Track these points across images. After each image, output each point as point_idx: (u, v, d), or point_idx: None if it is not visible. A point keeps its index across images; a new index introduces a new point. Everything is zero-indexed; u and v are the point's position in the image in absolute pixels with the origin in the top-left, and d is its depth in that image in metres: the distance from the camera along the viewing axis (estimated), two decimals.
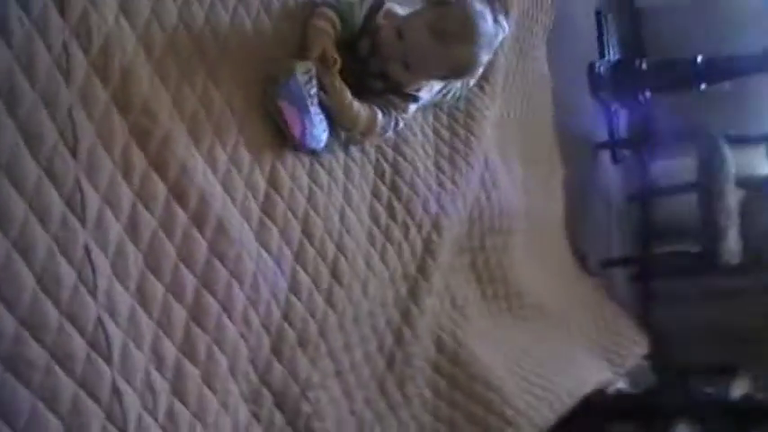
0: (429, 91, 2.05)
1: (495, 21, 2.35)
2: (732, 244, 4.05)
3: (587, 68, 4.42)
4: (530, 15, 3.28)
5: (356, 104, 1.85)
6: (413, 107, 2.01)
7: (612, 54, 4.73)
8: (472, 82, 2.40)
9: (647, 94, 4.70)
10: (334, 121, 1.85)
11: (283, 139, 1.75)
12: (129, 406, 1.31)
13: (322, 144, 1.82)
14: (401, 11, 1.98)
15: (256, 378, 1.64)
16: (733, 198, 4.13)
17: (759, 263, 4.37)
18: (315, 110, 1.77)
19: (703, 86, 4.62)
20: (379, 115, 1.90)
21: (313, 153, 1.83)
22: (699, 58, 4.58)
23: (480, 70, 2.12)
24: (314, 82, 1.77)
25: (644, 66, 4.64)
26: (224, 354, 1.53)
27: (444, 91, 2.22)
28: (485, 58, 1.98)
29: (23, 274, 1.20)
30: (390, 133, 2.02)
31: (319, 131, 1.79)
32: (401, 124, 2.00)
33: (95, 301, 1.29)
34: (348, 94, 1.84)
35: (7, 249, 1.18)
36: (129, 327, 1.34)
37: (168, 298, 1.42)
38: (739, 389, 4.18)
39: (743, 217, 4.29)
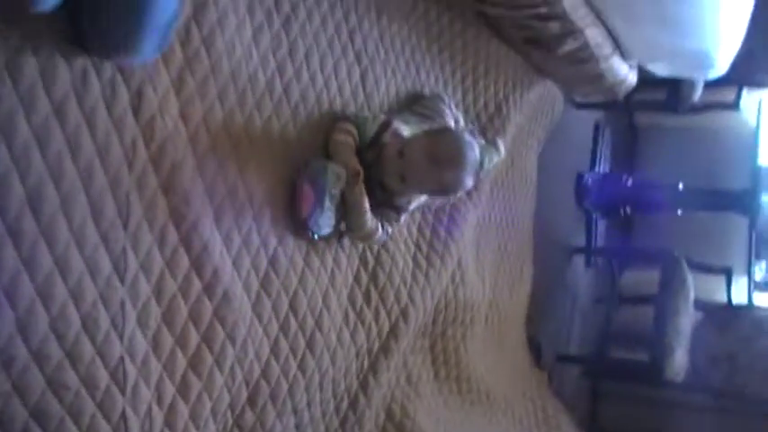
0: (417, 202, 2.44)
1: (494, 144, 2.76)
2: (678, 362, 4.39)
3: (576, 177, 4.80)
4: (526, 130, 3.67)
5: (369, 215, 2.24)
6: (403, 218, 2.40)
7: (603, 166, 5.13)
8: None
9: (628, 208, 5.09)
10: (346, 220, 2.23)
11: (289, 228, 2.12)
12: (131, 429, 1.67)
13: (321, 233, 2.18)
14: (406, 131, 2.37)
15: (231, 421, 2.00)
16: (686, 320, 4.48)
17: (702, 384, 4.72)
18: (329, 206, 2.14)
19: (680, 212, 5.02)
20: (380, 230, 2.29)
21: (310, 240, 2.19)
22: (680, 185, 4.99)
23: (464, 191, 2.50)
24: (339, 187, 2.15)
25: (629, 183, 5.04)
26: (210, 399, 1.89)
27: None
28: (469, 182, 2.36)
29: (73, 316, 1.57)
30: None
31: (324, 223, 2.16)
32: (390, 235, 2.38)
33: (121, 343, 1.66)
34: (366, 204, 2.23)
35: (65, 296, 1.55)
36: (142, 367, 1.71)
37: (175, 348, 1.79)
38: None
39: (694, 338, 4.65)
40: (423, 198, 2.46)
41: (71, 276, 1.56)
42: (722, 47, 3.15)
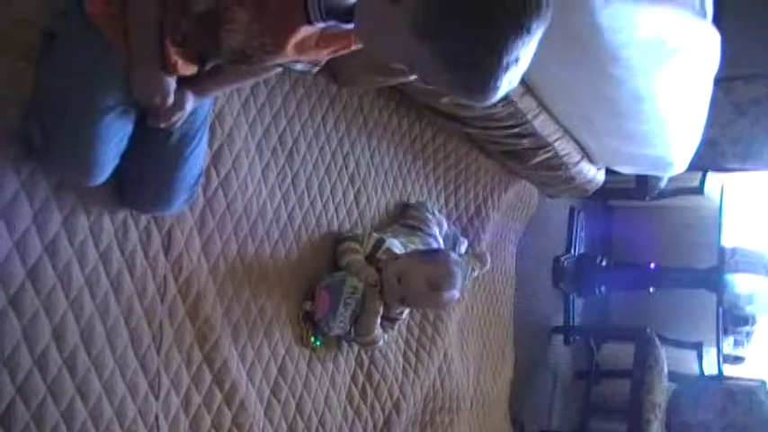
0: (408, 310, 2.75)
1: (481, 258, 3.07)
2: None
3: (552, 261, 5.09)
4: (504, 225, 3.98)
5: (377, 325, 2.55)
6: (397, 326, 2.71)
7: (578, 248, 5.42)
8: None
9: (604, 288, 5.39)
10: (358, 325, 2.53)
11: (295, 338, 2.41)
12: None
13: (331, 333, 2.49)
14: (397, 248, 2.67)
15: None
16: (661, 394, 4.74)
17: None
18: (342, 311, 2.46)
19: (652, 290, 5.32)
20: (381, 340, 2.61)
21: (313, 348, 2.48)
22: (652, 265, 5.30)
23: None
24: (355, 297, 2.47)
25: (603, 263, 5.34)
26: None
27: None
28: (457, 295, 2.67)
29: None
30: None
31: (335, 326, 2.47)
32: (386, 342, 2.70)
33: None
34: (379, 316, 2.55)
35: (111, 415, 1.83)
36: None
37: None
38: None
39: (670, 409, 4.91)
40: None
41: (116, 398, 1.84)
42: (676, 151, 3.47)
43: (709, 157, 5.28)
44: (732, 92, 5.31)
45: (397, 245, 2.69)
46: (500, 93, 1.29)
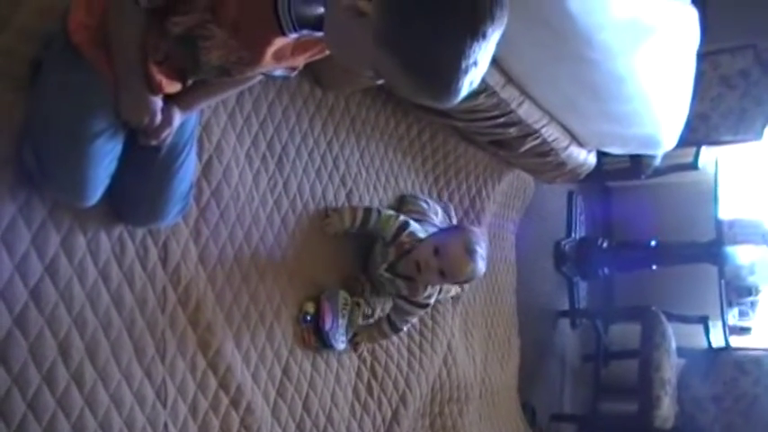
0: (435, 296, 2.79)
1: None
2: (665, 411, 4.66)
3: (554, 246, 5.14)
4: (501, 216, 4.03)
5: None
6: (421, 312, 2.81)
7: (579, 231, 5.46)
8: None
9: (607, 269, 5.43)
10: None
11: (296, 339, 2.46)
12: None
13: (335, 346, 2.56)
14: (421, 233, 2.71)
15: None
16: (669, 370, 4.77)
17: (691, 427, 5.00)
18: (341, 323, 2.57)
19: (655, 267, 5.36)
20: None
21: (316, 347, 2.54)
22: (653, 242, 5.34)
23: None
24: (346, 310, 2.57)
25: (605, 245, 5.39)
26: None
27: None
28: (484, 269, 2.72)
29: None
30: None
31: (338, 338, 2.56)
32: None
33: None
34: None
35: (120, 425, 1.89)
36: None
37: None
38: None
39: (680, 384, 4.95)
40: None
41: (124, 408, 1.90)
42: (663, 129, 3.52)
43: (702, 131, 5.31)
44: (719, 66, 5.34)
45: (421, 233, 2.73)
46: (462, 93, 1.35)
